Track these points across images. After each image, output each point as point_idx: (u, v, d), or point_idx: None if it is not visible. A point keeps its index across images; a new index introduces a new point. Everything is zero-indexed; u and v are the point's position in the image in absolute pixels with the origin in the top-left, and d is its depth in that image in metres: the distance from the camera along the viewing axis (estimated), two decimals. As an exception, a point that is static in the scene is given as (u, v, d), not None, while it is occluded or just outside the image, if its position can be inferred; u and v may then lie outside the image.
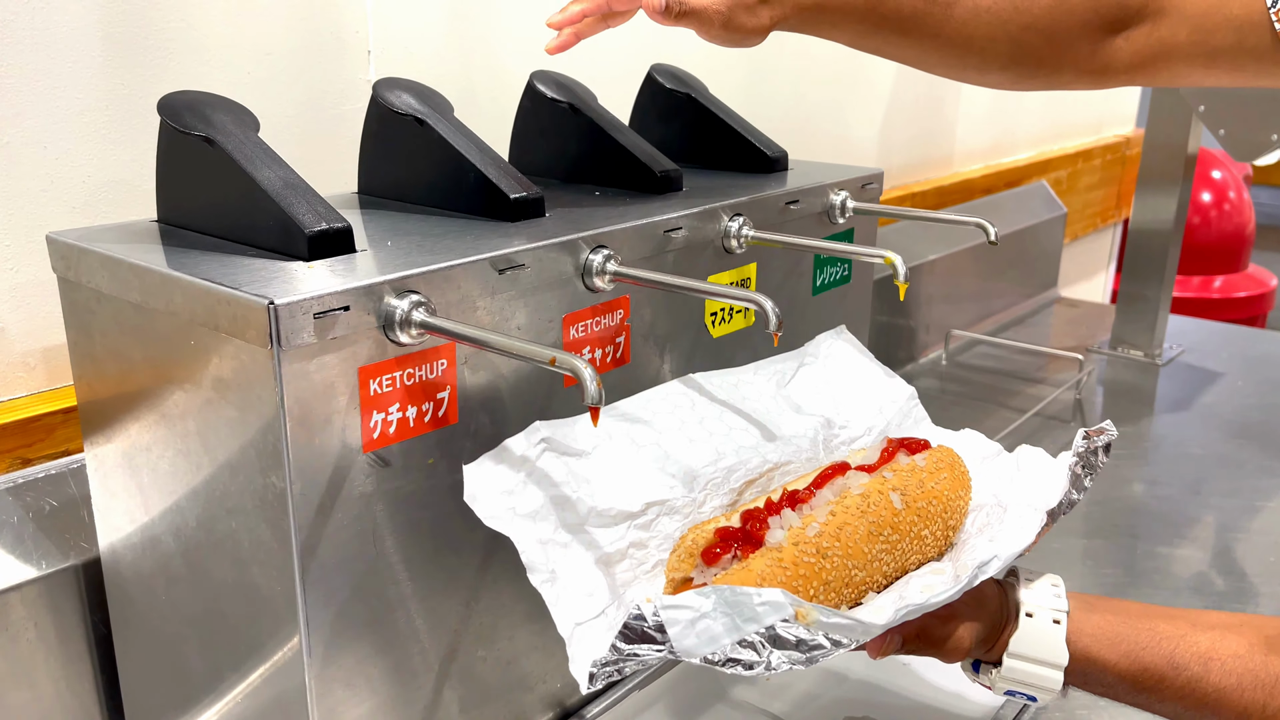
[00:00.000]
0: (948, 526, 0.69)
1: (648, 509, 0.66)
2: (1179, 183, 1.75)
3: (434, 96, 0.81)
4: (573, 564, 0.61)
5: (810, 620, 0.52)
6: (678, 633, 0.51)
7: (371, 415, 0.61)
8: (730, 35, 0.76)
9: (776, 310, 0.65)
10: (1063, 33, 0.73)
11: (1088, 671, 0.64)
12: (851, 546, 0.62)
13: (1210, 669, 0.61)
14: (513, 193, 0.75)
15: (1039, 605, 0.65)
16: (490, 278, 0.65)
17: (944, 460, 0.71)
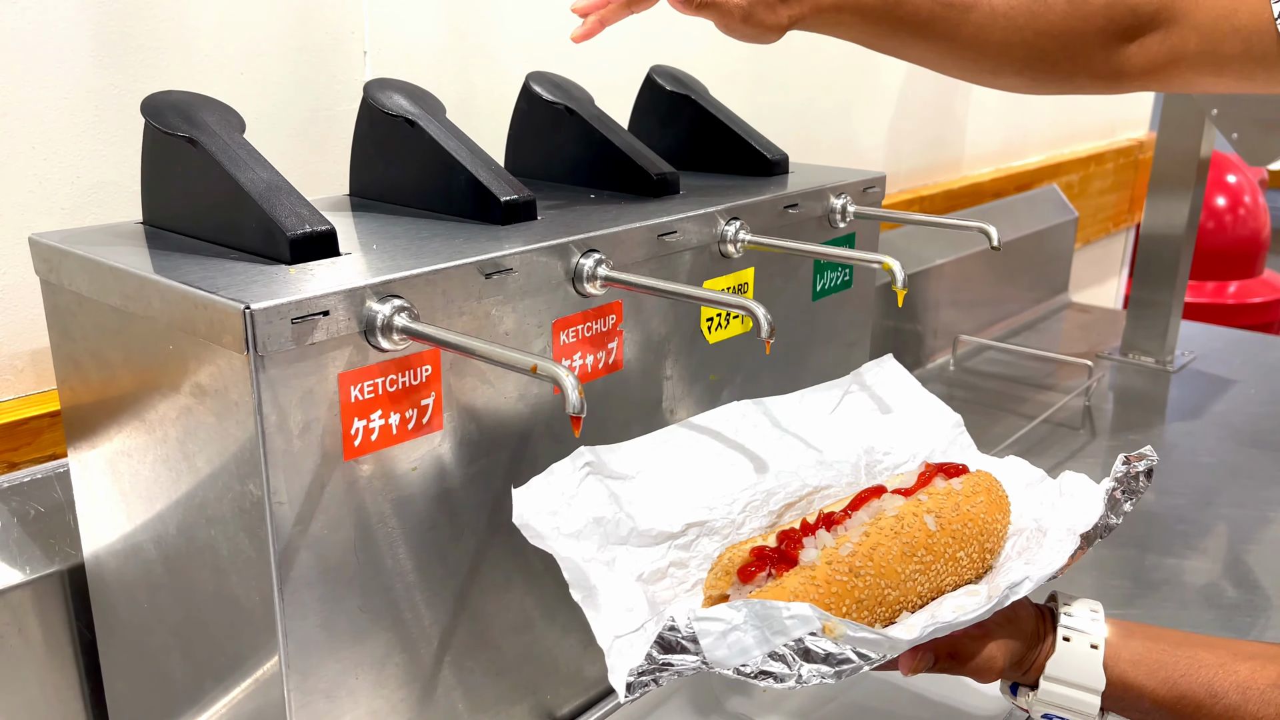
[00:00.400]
0: (984, 549, 0.69)
1: (688, 529, 0.68)
2: (1191, 187, 1.73)
3: (426, 97, 0.80)
4: (614, 581, 0.62)
5: (837, 634, 0.53)
6: (710, 644, 0.53)
7: (353, 422, 0.59)
8: (749, 30, 0.76)
9: (769, 317, 0.63)
10: (1078, 39, 0.74)
11: (1125, 698, 0.64)
12: (885, 566, 0.62)
13: (1249, 698, 0.61)
14: (503, 195, 0.73)
15: (1077, 630, 0.65)
16: (476, 282, 0.64)
17: (981, 484, 0.71)
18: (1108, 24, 0.73)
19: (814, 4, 0.76)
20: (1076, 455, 1.43)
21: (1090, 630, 0.65)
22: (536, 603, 0.75)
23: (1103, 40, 0.74)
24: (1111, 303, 2.67)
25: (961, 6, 0.74)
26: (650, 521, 0.66)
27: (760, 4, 0.75)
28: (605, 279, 0.71)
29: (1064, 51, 0.75)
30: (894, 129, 1.74)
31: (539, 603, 0.75)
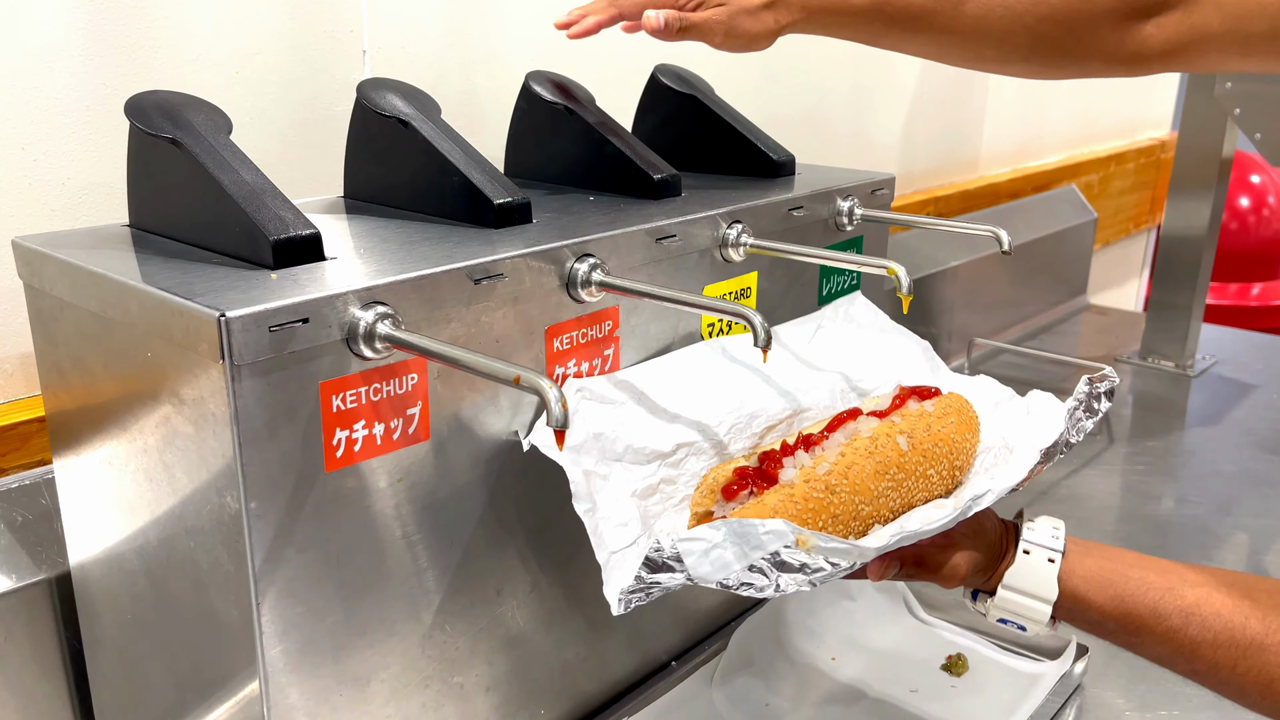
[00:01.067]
0: (954, 467, 0.72)
1: (678, 449, 0.71)
2: (1213, 187, 1.69)
3: (420, 97, 0.78)
4: (610, 495, 0.66)
5: (810, 546, 0.57)
6: (693, 562, 0.57)
7: (335, 432, 0.58)
8: (735, 43, 0.77)
9: (765, 325, 0.61)
10: (1085, 21, 0.72)
11: (1075, 609, 0.69)
12: (858, 484, 0.66)
13: (1190, 623, 0.65)
14: (497, 198, 0.71)
15: (1037, 544, 0.70)
16: (465, 288, 0.62)
17: (952, 406, 0.74)
18: (1120, 4, 0.71)
19: (800, 7, 0.76)
20: (1093, 462, 1.40)
21: (1050, 545, 0.69)
22: (529, 616, 0.73)
23: (1114, 20, 0.72)
24: (1132, 305, 2.63)
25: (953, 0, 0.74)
26: (644, 440, 0.69)
27: (741, 13, 0.76)
28: (600, 284, 0.69)
29: (1071, 35, 0.73)
30: (908, 129, 1.71)
31: (532, 616, 0.74)
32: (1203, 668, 0.66)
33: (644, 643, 0.85)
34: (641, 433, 0.70)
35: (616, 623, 0.81)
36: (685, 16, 0.76)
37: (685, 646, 0.90)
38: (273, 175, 0.92)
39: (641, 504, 0.68)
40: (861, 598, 1.03)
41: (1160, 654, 0.67)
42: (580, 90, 0.90)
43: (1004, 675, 0.94)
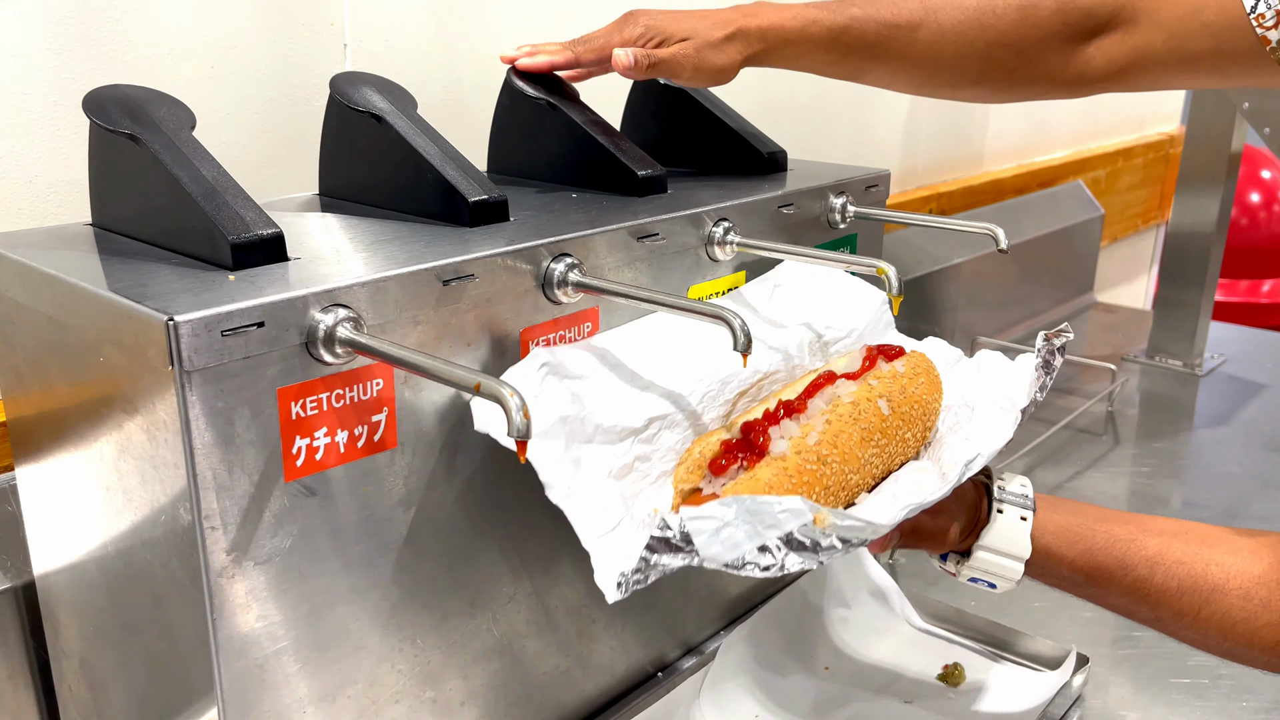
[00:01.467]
0: (925, 428, 0.73)
1: (650, 424, 0.69)
2: (1222, 183, 1.66)
3: (396, 91, 0.76)
4: (585, 480, 0.64)
5: (827, 524, 0.55)
6: (703, 542, 0.54)
7: (294, 441, 0.55)
8: (703, 76, 0.79)
9: (745, 329, 0.59)
10: (1032, 45, 0.75)
11: (1045, 565, 0.70)
12: (848, 453, 0.66)
13: (1155, 572, 0.67)
14: (472, 195, 0.69)
15: (1009, 503, 0.71)
16: (433, 290, 0.60)
17: (920, 366, 0.75)
18: (1062, 28, 0.74)
19: (760, 39, 0.78)
20: (1098, 463, 1.37)
21: (1021, 503, 0.71)
22: (507, 628, 0.71)
23: (1058, 44, 0.74)
24: (1140, 303, 2.59)
25: (908, 26, 0.76)
26: (613, 418, 0.67)
27: (707, 47, 0.77)
28: (577, 285, 0.66)
29: (1019, 59, 0.75)
30: (910, 123, 1.68)
31: (509, 628, 0.71)
32: (1166, 615, 0.68)
33: (628, 654, 0.82)
34: (611, 410, 0.67)
35: (599, 633, 0.79)
36: (653, 54, 0.77)
37: (672, 657, 0.87)
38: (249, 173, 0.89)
39: (618, 484, 0.66)
40: (855, 604, 1.00)
41: (1123, 603, 0.69)
42: (565, 85, 0.87)
43: (1002, 685, 0.92)
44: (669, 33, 0.79)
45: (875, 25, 0.77)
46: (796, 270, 0.84)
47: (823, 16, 0.78)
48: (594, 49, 0.81)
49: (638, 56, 0.77)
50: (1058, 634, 0.99)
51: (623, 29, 0.80)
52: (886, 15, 0.77)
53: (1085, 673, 0.91)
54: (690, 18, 0.80)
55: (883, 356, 0.75)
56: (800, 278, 0.84)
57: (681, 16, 0.80)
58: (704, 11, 0.81)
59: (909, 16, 0.76)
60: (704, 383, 0.72)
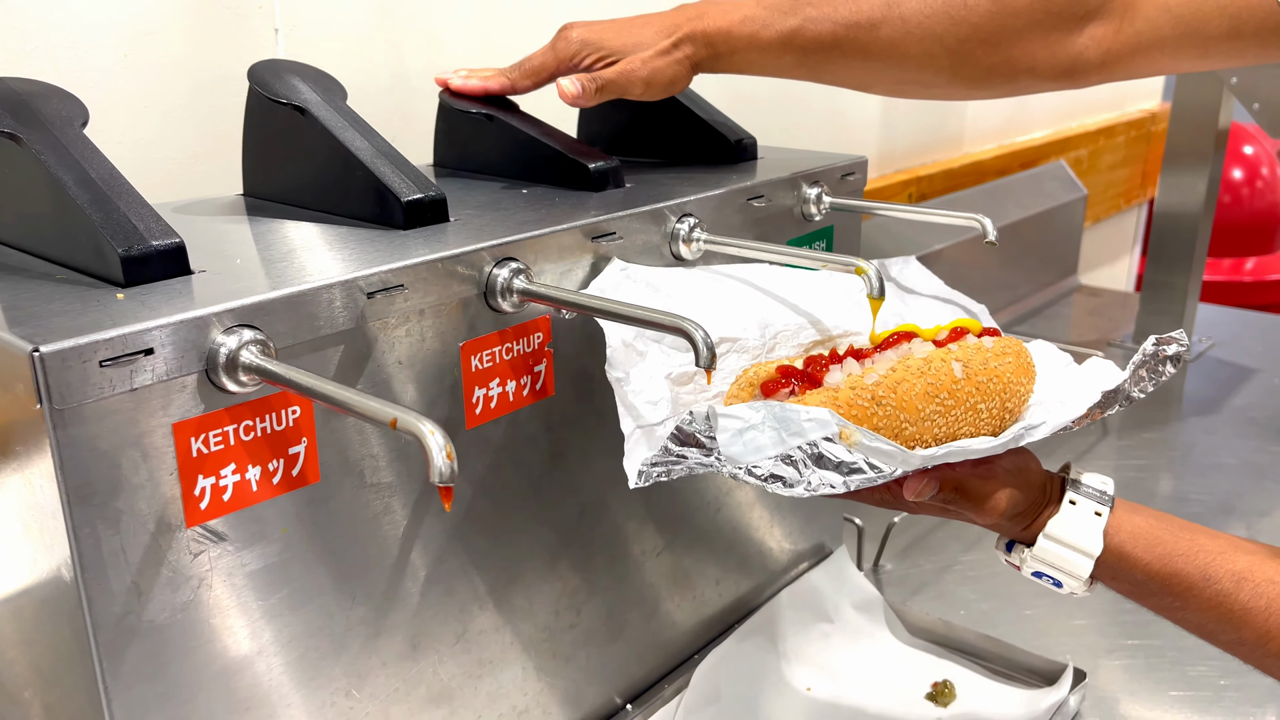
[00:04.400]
0: (1005, 408, 0.68)
1: (720, 342, 0.68)
2: (1209, 160, 1.61)
3: (324, 80, 0.69)
4: (644, 372, 0.63)
5: (853, 441, 0.53)
6: (726, 439, 0.53)
7: (196, 480, 0.48)
8: (655, 90, 0.75)
9: (708, 342, 0.52)
10: (1009, 37, 0.70)
11: (1119, 567, 0.64)
12: (906, 400, 0.62)
13: (1242, 587, 0.61)
14: (406, 195, 0.62)
15: (1084, 497, 0.66)
16: (355, 303, 0.53)
17: (1011, 348, 0.70)
18: (1044, 17, 0.69)
19: (706, 44, 0.74)
20: (1086, 456, 1.32)
21: (1097, 499, 0.66)
22: (455, 670, 0.65)
23: (1040, 34, 0.70)
24: (1123, 284, 2.55)
25: (868, 24, 0.71)
26: None
27: (655, 58, 0.74)
28: (523, 293, 0.60)
29: (996, 54, 0.71)
30: (888, 105, 1.62)
31: (458, 670, 0.65)
32: (1250, 637, 0.61)
33: (594, 686, 0.76)
34: None
35: (559, 668, 0.72)
36: (599, 76, 0.74)
37: (642, 686, 0.81)
38: (170, 173, 0.82)
39: (674, 389, 0.65)
40: (839, 619, 0.94)
41: (1204, 620, 0.63)
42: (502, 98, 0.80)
43: (994, 704, 0.86)
44: (610, 49, 0.74)
45: (831, 25, 0.72)
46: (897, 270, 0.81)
47: (773, 19, 0.73)
48: (530, 72, 0.77)
49: (584, 84, 0.74)
50: (1052, 644, 0.94)
51: (558, 50, 0.76)
52: (844, 14, 0.71)
53: (1082, 689, 0.85)
54: (631, 27, 0.75)
55: (971, 332, 0.71)
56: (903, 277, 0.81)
57: (622, 27, 0.75)
58: (645, 18, 0.75)
59: (869, 14, 0.71)
60: (781, 320, 0.71)
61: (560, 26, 0.77)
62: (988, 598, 1.01)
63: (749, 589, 0.90)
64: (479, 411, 0.61)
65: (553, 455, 0.67)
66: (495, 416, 0.62)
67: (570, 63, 0.75)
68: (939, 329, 0.72)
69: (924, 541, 1.11)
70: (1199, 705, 0.87)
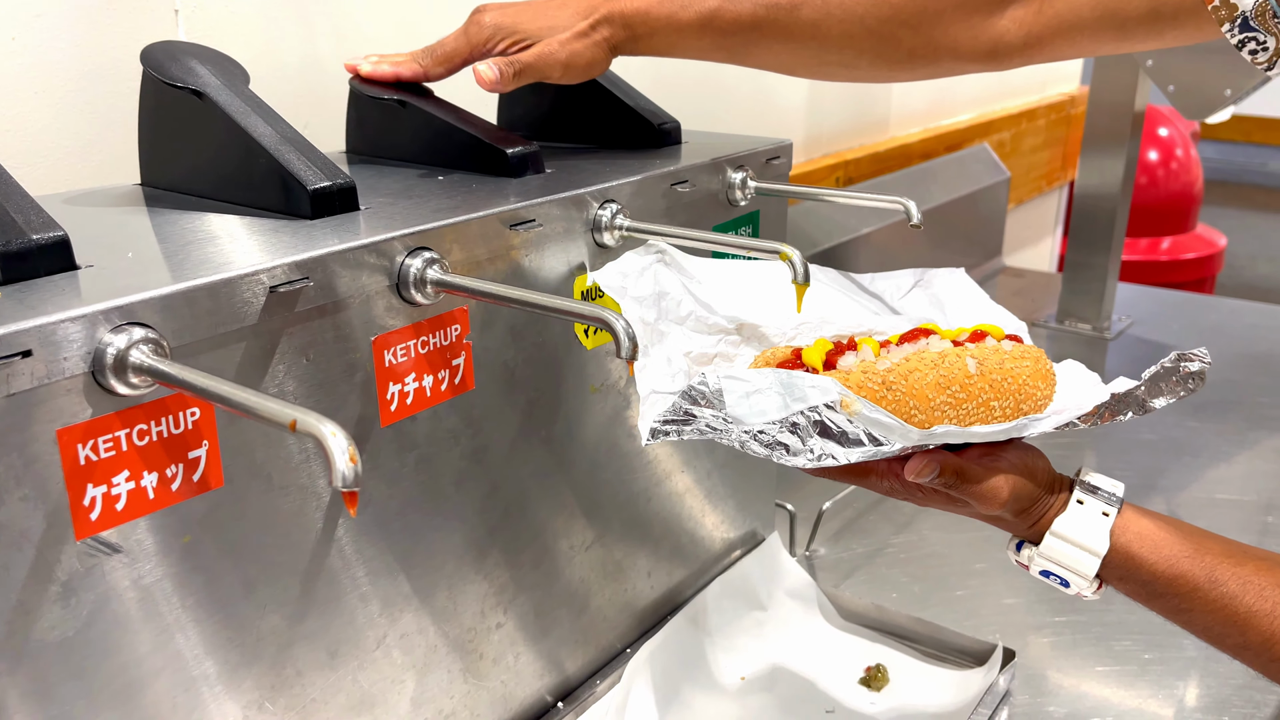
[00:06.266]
0: (1019, 410, 0.68)
1: (741, 328, 0.70)
2: (1126, 142, 1.64)
3: (224, 63, 0.66)
4: (664, 350, 0.65)
5: (854, 411, 0.54)
6: (733, 400, 0.55)
7: (85, 490, 0.46)
8: (574, 73, 0.74)
9: (630, 331, 0.51)
10: (930, 19, 0.70)
11: (1125, 567, 0.64)
12: (916, 389, 0.63)
13: (1247, 590, 0.61)
14: (313, 183, 0.59)
15: (1092, 497, 0.66)
16: (257, 298, 0.50)
17: (1030, 353, 0.70)
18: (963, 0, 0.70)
19: (623, 23, 0.73)
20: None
21: (1105, 500, 0.66)
22: (377, 677, 0.62)
23: (961, 16, 0.70)
24: (1046, 265, 2.60)
25: (788, 6, 0.71)
26: (709, 311, 0.69)
27: (573, 40, 0.73)
28: (437, 284, 0.57)
29: (917, 35, 0.71)
30: (814, 89, 1.62)
31: (378, 678, 0.63)
32: (1255, 641, 0.61)
33: (522, 686, 0.74)
34: (709, 304, 0.69)
35: (487, 669, 0.71)
36: (516, 60, 0.72)
37: (573, 683, 0.79)
38: (63, 163, 0.78)
39: (693, 367, 0.67)
40: (771, 606, 0.94)
41: (1209, 624, 0.63)
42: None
43: (927, 686, 0.87)
44: (525, 32, 0.73)
45: (751, 6, 0.71)
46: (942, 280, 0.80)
47: (692, 0, 0.72)
48: (442, 59, 0.75)
49: (501, 69, 0.72)
50: (982, 625, 0.94)
51: (470, 34, 0.73)
52: None
53: (1012, 668, 0.86)
54: (547, 9, 0.73)
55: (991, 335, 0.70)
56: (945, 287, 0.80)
57: (537, 10, 0.73)
58: (560, 0, 0.74)
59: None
60: (804, 314, 0.72)
61: (472, 10, 0.74)
62: (919, 580, 1.02)
63: (682, 579, 0.89)
64: (394, 408, 0.59)
65: (475, 451, 0.65)
66: (412, 413, 0.60)
67: (484, 48, 0.73)
68: (960, 330, 0.72)
69: (856, 525, 1.11)
70: (1125, 679, 0.89)
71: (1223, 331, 1.76)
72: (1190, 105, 1.51)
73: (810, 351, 0.63)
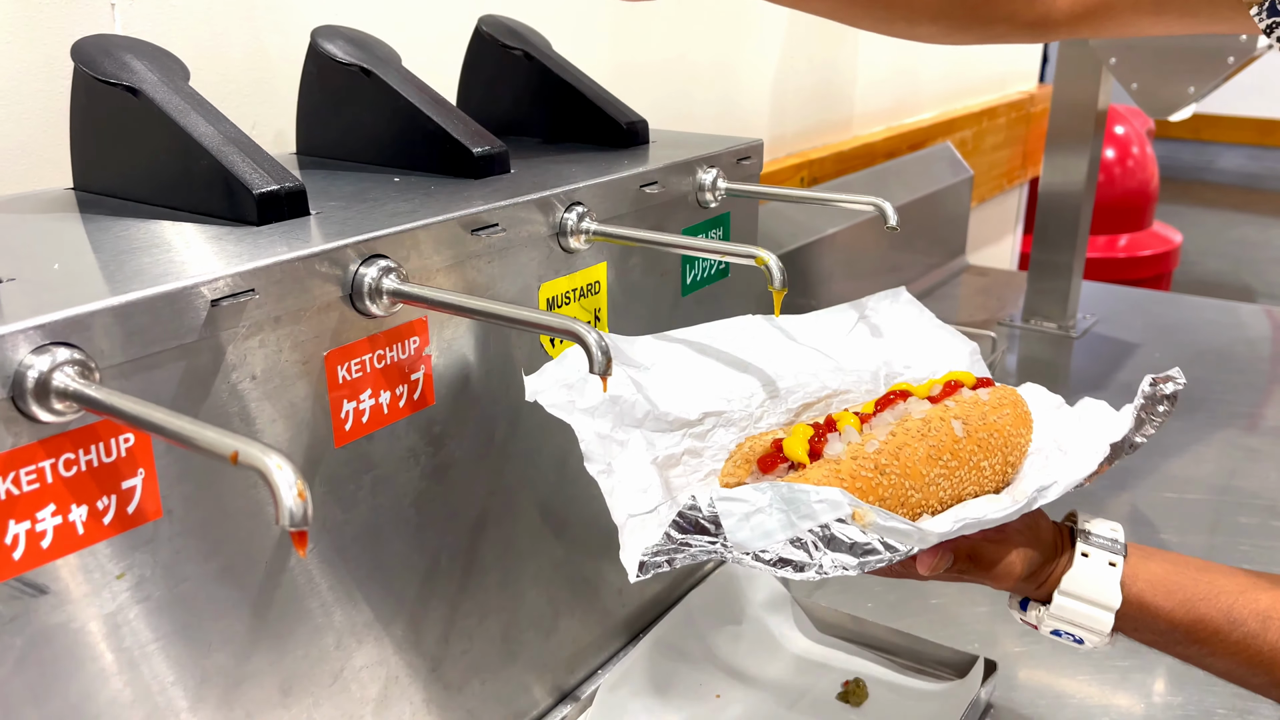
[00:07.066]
0: (1007, 462, 0.67)
1: (705, 418, 0.66)
2: (1089, 141, 1.63)
3: (160, 58, 0.61)
4: (628, 461, 0.60)
5: (867, 522, 0.51)
6: (732, 525, 0.50)
7: (7, 527, 0.41)
8: None
9: (602, 344, 0.47)
10: None
11: (1140, 618, 0.62)
12: (909, 467, 0.60)
13: (1269, 627, 0.59)
14: (259, 187, 0.55)
15: (1096, 547, 0.64)
16: (196, 312, 0.46)
17: (1007, 399, 0.69)
18: None
19: None
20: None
21: (1110, 548, 0.63)
22: (331, 715, 0.58)
23: None
24: (1007, 263, 2.60)
25: None
26: (667, 406, 0.64)
27: None
28: (394, 294, 0.54)
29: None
30: (778, 87, 1.59)
31: (337, 713, 0.59)
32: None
33: (488, 714, 0.71)
34: (665, 399, 0.64)
35: (451, 698, 0.67)
36: None
37: (543, 709, 0.76)
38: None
39: (663, 473, 0.62)
40: (746, 620, 0.91)
41: (1232, 665, 0.61)
42: (383, 48, 0.74)
43: (907, 700, 0.84)
44: None
45: None
46: (885, 306, 0.80)
47: None
48: None
49: None
50: (960, 633, 0.92)
51: None
52: None
53: (994, 680, 0.84)
54: None
55: (965, 386, 0.69)
56: (890, 315, 0.79)
57: None
58: None
59: None
60: (767, 388, 0.69)
61: None
62: (894, 588, 0.99)
63: (654, 595, 0.86)
64: (349, 427, 0.55)
65: (436, 470, 0.62)
66: (368, 431, 0.56)
67: None
68: (932, 383, 0.70)
69: (829, 533, 1.09)
70: (1105, 686, 0.87)
71: (1183, 328, 1.76)
72: (1153, 103, 1.51)
73: (792, 444, 0.60)
